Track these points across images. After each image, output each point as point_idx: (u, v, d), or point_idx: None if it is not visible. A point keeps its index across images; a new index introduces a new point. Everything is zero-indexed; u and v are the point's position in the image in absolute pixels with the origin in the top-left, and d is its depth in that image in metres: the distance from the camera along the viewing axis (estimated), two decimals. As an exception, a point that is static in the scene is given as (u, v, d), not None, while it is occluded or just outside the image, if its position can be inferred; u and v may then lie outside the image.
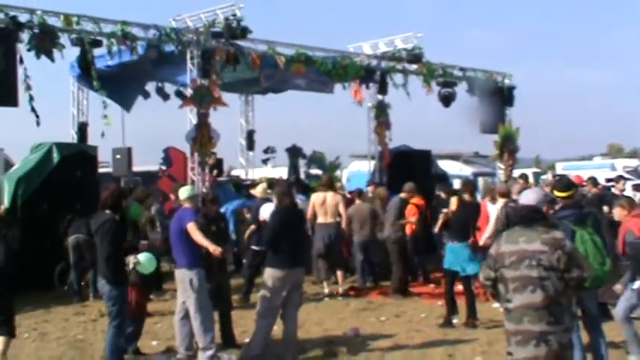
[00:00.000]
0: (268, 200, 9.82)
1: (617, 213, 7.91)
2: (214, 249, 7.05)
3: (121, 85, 15.26)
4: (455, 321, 9.00)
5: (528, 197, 5.11)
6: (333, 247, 11.32)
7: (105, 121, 13.37)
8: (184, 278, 7.20)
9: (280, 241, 7.29)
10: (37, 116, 12.17)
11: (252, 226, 10.50)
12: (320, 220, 11.32)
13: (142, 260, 6.83)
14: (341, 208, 11.40)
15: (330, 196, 11.40)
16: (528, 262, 4.66)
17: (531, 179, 14.45)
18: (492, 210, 10.33)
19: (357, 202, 12.23)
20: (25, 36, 11.68)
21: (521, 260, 4.69)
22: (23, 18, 11.67)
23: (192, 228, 7.10)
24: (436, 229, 9.88)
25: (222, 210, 10.46)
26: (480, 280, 5.20)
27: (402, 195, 11.39)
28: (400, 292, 11.02)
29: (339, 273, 11.39)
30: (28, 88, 11.92)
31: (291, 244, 7.33)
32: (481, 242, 9.51)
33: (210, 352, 7.07)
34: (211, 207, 8.27)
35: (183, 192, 7.64)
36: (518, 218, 5.03)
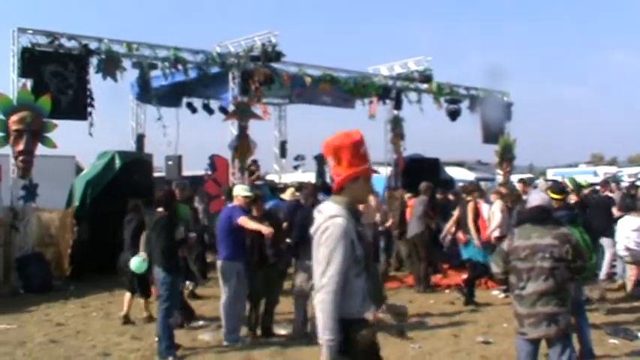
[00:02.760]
0: (296, 201, 9.86)
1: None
2: (265, 229, 7.03)
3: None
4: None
5: (542, 199, 5.14)
6: (375, 244, 11.10)
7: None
8: (225, 269, 7.25)
9: (307, 234, 7.38)
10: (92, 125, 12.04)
11: (285, 224, 10.57)
12: (363, 220, 11.13)
13: (132, 266, 7.57)
14: (381, 210, 11.36)
15: (372, 199, 11.04)
16: (542, 254, 4.74)
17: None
18: (494, 209, 10.32)
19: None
20: (94, 60, 11.91)
21: (534, 253, 4.76)
22: (93, 45, 11.90)
23: (243, 220, 7.09)
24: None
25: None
26: (493, 272, 5.25)
27: (425, 197, 11.15)
28: (426, 284, 10.72)
29: None
30: (92, 105, 11.98)
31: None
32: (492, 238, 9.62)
33: (233, 335, 7.16)
34: (254, 206, 7.93)
35: (239, 189, 7.57)
36: (529, 217, 5.07)
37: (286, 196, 10.97)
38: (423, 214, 10.85)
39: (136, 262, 7.62)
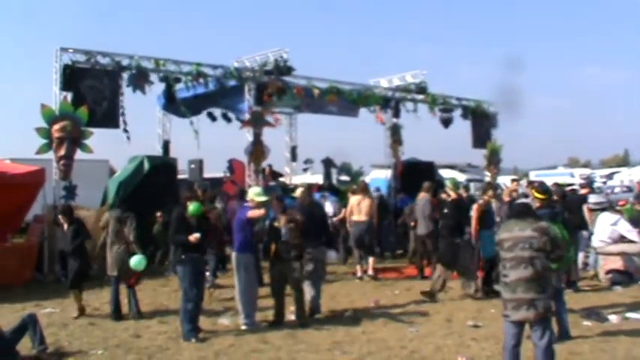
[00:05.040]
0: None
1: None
2: (260, 213, 7.23)
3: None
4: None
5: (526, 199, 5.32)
6: (365, 239, 10.93)
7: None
8: (235, 260, 7.35)
9: (309, 228, 7.55)
10: (126, 130, 12.11)
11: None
12: (355, 218, 10.93)
13: (132, 263, 7.37)
14: (373, 209, 11.09)
15: (365, 199, 11.06)
16: (522, 245, 4.86)
17: (510, 184, 14.16)
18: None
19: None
20: (125, 75, 12.05)
21: (516, 244, 4.89)
22: (124, 62, 12.04)
23: (251, 213, 7.26)
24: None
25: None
26: None
27: (428, 196, 10.91)
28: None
29: (371, 259, 10.91)
30: (123, 114, 12.10)
31: (312, 230, 7.61)
32: None
33: (248, 320, 7.24)
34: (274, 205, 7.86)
35: (251, 193, 7.58)
36: (513, 212, 5.23)
37: (297, 194, 11.09)
38: (432, 214, 10.64)
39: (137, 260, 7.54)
